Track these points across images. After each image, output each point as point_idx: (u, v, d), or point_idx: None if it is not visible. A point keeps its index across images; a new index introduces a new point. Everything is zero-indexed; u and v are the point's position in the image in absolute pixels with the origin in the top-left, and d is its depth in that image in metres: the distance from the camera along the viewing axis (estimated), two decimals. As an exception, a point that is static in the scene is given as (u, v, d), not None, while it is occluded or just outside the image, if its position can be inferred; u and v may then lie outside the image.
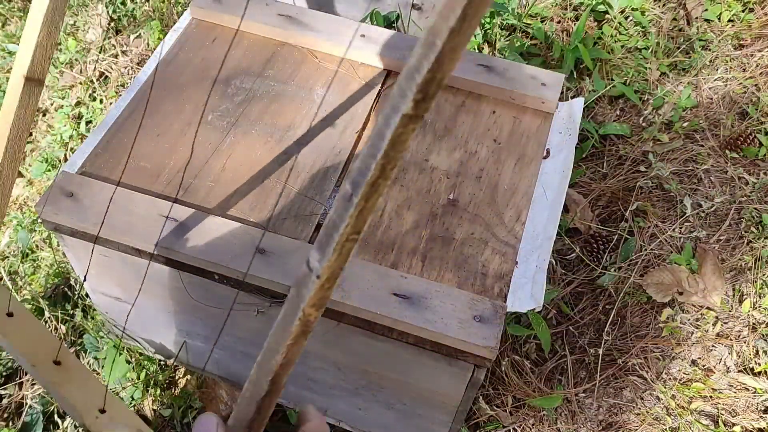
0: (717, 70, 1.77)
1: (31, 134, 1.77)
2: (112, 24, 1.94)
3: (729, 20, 1.89)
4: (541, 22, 1.86)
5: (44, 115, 1.80)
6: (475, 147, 1.10)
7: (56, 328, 1.37)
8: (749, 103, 1.71)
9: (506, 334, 1.35)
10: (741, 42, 1.84)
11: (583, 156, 1.64)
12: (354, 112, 1.13)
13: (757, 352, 1.35)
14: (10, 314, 0.60)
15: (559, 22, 1.89)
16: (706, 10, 1.89)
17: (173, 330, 1.21)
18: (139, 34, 1.90)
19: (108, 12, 1.94)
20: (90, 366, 1.35)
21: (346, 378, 1.09)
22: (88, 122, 1.75)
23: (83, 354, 1.36)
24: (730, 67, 1.79)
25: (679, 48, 1.82)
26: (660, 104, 1.71)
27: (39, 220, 1.55)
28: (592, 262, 1.47)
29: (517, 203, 1.03)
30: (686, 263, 1.44)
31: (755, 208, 1.52)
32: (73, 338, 1.38)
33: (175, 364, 1.36)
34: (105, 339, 1.35)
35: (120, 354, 1.32)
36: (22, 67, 0.75)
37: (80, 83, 1.82)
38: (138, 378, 1.32)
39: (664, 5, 1.91)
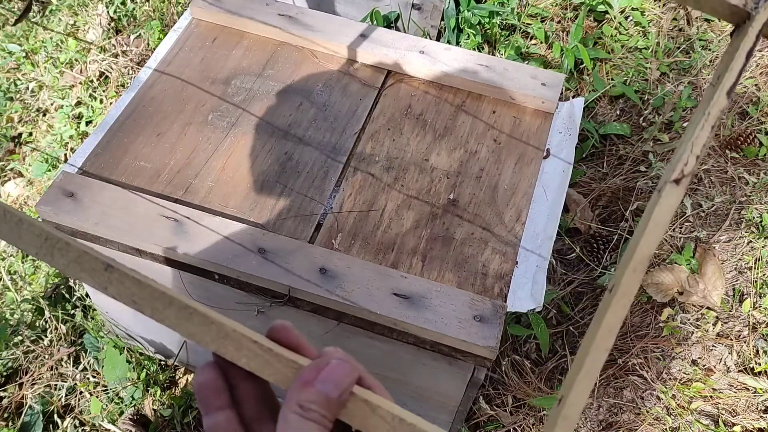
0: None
1: (31, 134, 1.78)
2: (112, 24, 1.94)
3: (729, 20, 1.88)
4: (541, 22, 1.86)
5: (44, 115, 1.80)
6: (475, 147, 1.10)
7: (56, 328, 1.37)
8: (749, 103, 1.71)
9: (506, 334, 1.35)
10: (741, 42, 1.84)
11: (583, 156, 1.64)
12: (354, 112, 1.13)
13: (757, 352, 1.35)
14: None
15: (559, 22, 1.89)
16: (706, 10, 1.89)
17: (173, 330, 1.20)
18: (139, 34, 1.90)
19: (108, 12, 1.95)
20: (90, 366, 1.35)
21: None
22: (88, 122, 1.75)
23: (83, 354, 1.36)
24: (730, 67, 1.78)
25: (679, 48, 1.82)
26: (660, 104, 1.71)
27: (39, 220, 1.55)
28: (592, 262, 1.46)
29: (517, 203, 1.03)
30: (686, 263, 1.44)
31: (755, 208, 1.52)
32: (73, 338, 1.38)
33: (175, 364, 1.36)
34: (105, 339, 1.35)
35: (120, 354, 1.32)
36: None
37: (80, 83, 1.82)
38: (138, 378, 1.32)
39: (664, 5, 1.91)
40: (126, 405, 1.31)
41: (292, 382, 0.35)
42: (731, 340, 1.36)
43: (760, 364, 1.33)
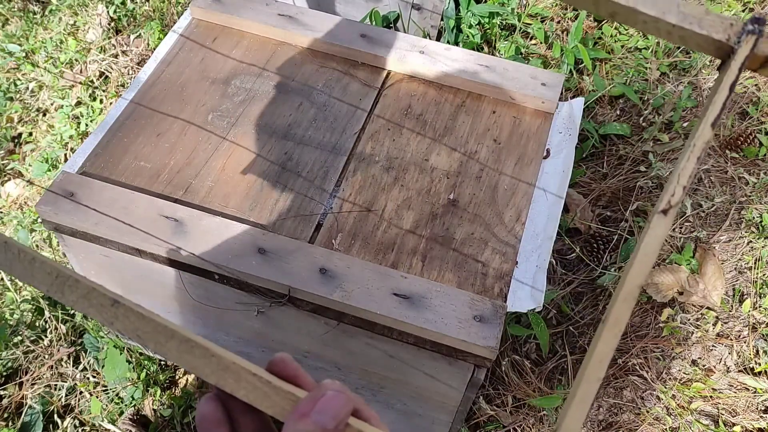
0: (717, 69, 1.77)
1: (31, 134, 1.77)
2: (112, 24, 1.94)
3: (729, 20, 1.88)
4: (541, 22, 1.86)
5: (44, 115, 1.80)
6: (475, 147, 1.10)
7: (56, 328, 1.37)
8: (749, 103, 1.71)
9: (506, 334, 1.35)
10: (741, 42, 1.84)
11: (583, 156, 1.64)
12: (354, 112, 1.13)
13: (757, 352, 1.35)
14: None
15: (559, 22, 1.89)
16: (706, 10, 1.89)
17: (175, 363, 1.20)
18: (139, 34, 1.90)
19: (108, 12, 1.94)
20: (90, 366, 1.35)
21: (346, 378, 1.09)
22: (88, 122, 1.75)
23: (83, 354, 1.36)
24: (730, 67, 1.78)
25: (679, 48, 1.82)
26: (660, 104, 1.71)
27: (39, 220, 1.55)
28: (592, 262, 1.46)
29: (517, 203, 1.03)
30: (686, 263, 1.44)
31: (755, 208, 1.52)
32: (73, 338, 1.38)
33: (174, 364, 1.36)
34: (105, 339, 1.35)
35: (120, 354, 1.32)
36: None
37: (80, 83, 1.82)
38: (138, 378, 1.32)
39: (664, 5, 1.91)
40: (126, 405, 1.31)
41: (289, 414, 0.36)
42: (731, 340, 1.36)
43: (760, 364, 1.33)
